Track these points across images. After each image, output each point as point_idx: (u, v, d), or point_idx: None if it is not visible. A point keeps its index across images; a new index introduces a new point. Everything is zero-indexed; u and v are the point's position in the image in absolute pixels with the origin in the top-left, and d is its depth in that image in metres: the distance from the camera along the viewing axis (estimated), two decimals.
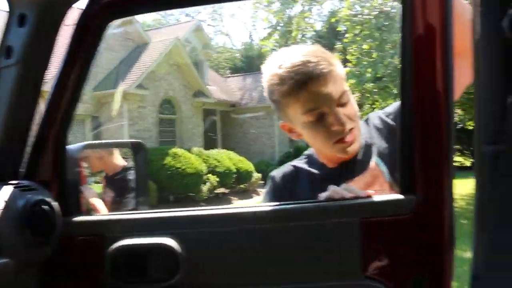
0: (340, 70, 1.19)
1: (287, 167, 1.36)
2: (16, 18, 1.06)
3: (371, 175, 1.23)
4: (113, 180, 2.83)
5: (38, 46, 1.08)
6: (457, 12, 1.01)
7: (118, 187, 2.70)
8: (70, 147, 1.29)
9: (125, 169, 2.80)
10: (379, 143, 1.27)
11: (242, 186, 15.67)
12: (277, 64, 1.17)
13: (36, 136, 1.15)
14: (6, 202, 0.96)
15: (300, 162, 1.36)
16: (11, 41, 1.07)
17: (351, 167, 1.26)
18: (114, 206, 2.55)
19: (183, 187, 12.83)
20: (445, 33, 0.93)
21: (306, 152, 1.38)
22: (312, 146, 1.30)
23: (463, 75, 1.01)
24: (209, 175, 13.89)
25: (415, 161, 0.96)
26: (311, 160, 1.34)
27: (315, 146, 1.29)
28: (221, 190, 14.80)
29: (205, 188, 13.58)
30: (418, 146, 0.95)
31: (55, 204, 1.06)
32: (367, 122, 1.34)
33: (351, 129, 1.17)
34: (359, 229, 0.98)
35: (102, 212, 2.52)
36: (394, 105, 1.33)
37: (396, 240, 0.99)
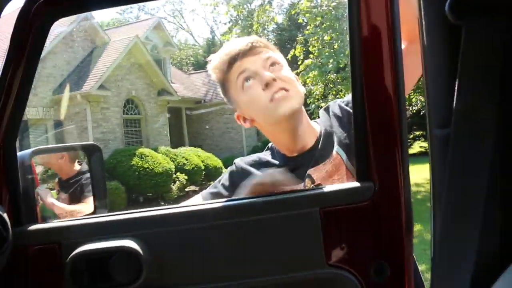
0: (272, 49, 1.29)
1: (251, 157, 1.40)
2: None
3: (332, 164, 1.24)
4: (68, 184, 2.77)
5: None
6: None
7: (73, 192, 2.65)
8: (20, 153, 1.24)
9: (80, 173, 2.74)
10: (339, 132, 1.27)
11: (211, 182, 15.55)
12: (215, 57, 1.32)
13: None
14: None
15: (264, 154, 1.39)
16: None
17: (311, 156, 1.27)
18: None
19: (152, 187, 12.70)
20: (392, 21, 0.95)
21: (269, 145, 1.40)
22: (262, 126, 1.32)
23: (416, 64, 1.02)
24: (178, 173, 13.79)
25: (370, 149, 0.97)
26: (273, 152, 1.37)
27: (262, 121, 1.29)
28: (191, 188, 14.73)
29: (174, 187, 13.49)
30: (371, 134, 0.97)
31: (3, 215, 1.01)
32: (327, 111, 1.34)
33: (285, 89, 1.22)
34: (320, 219, 0.99)
35: (63, 210, 2.47)
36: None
37: (356, 228, 1.00)
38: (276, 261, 1.02)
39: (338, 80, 10.83)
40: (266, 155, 1.38)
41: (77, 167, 2.84)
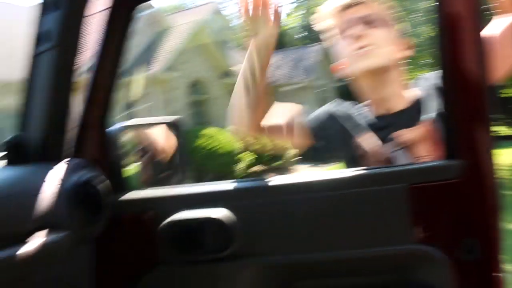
0: (374, 3, 1.34)
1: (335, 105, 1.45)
2: (51, 1, 1.07)
3: (426, 129, 1.25)
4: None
5: (72, 29, 1.09)
6: None
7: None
8: (114, 127, 1.32)
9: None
10: (433, 102, 1.27)
11: (279, 162, 15.65)
12: (324, 7, 1.40)
13: (82, 118, 1.17)
14: (59, 179, 0.99)
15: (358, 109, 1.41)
16: (47, 25, 1.09)
17: (399, 119, 1.30)
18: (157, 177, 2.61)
19: (220, 166, 12.91)
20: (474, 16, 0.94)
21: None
22: (347, 72, 1.37)
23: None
24: (245, 153, 13.92)
25: (458, 127, 0.97)
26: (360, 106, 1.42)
27: (347, 69, 1.35)
28: (258, 167, 14.84)
29: (241, 166, 13.63)
30: (460, 113, 0.97)
31: (106, 181, 1.08)
32: (427, 80, 1.36)
33: (370, 46, 1.27)
34: (409, 195, 0.99)
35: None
36: None
37: (445, 205, 1.00)
38: (365, 235, 1.03)
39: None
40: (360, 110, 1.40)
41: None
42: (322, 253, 1.04)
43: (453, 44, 0.96)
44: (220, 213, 1.05)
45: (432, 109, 1.26)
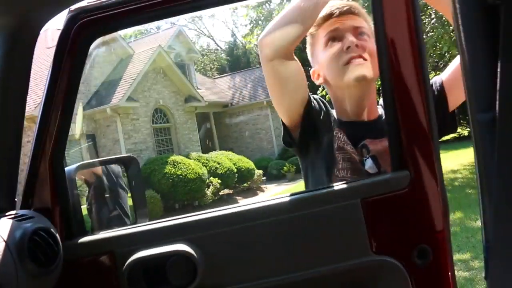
0: (366, 21, 1.35)
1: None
2: None
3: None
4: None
5: (14, 69, 1.05)
6: None
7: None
8: (66, 169, 1.28)
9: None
10: None
11: (245, 184, 15.68)
12: None
13: (31, 164, 1.13)
14: (2, 235, 0.94)
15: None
16: None
17: (370, 128, 1.32)
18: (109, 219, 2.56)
19: (187, 193, 12.82)
20: (414, 21, 0.99)
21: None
22: (331, 86, 1.36)
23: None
24: (211, 178, 13.88)
25: (404, 139, 1.01)
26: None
27: (332, 81, 1.34)
28: (225, 191, 14.80)
29: (209, 191, 13.58)
30: (404, 127, 1.01)
31: (53, 230, 1.04)
32: None
33: (363, 57, 1.27)
34: (362, 209, 1.04)
35: None
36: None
37: (396, 215, 1.05)
38: (324, 253, 1.06)
39: None
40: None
41: None
42: (286, 276, 1.06)
43: (393, 61, 1.01)
44: (180, 247, 1.04)
45: None
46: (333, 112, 1.39)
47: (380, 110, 1.36)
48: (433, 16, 7.88)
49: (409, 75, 1.00)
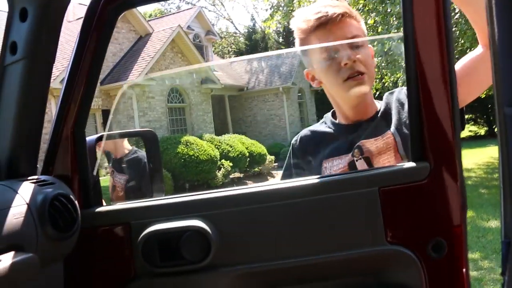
0: (359, 21, 1.31)
1: (303, 131, 1.46)
2: (18, 13, 1.05)
3: (384, 142, 1.27)
4: (122, 162, 2.88)
5: (41, 40, 1.07)
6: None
7: (127, 168, 2.76)
8: (87, 139, 1.30)
9: (132, 152, 2.86)
10: (399, 116, 1.29)
11: (256, 169, 15.73)
12: (303, 13, 1.33)
13: (53, 130, 1.15)
14: (25, 198, 0.96)
15: (316, 126, 1.45)
16: (15, 37, 1.06)
17: (366, 128, 1.32)
18: (127, 189, 2.60)
19: (197, 174, 12.90)
20: (444, 9, 0.97)
21: (325, 115, 1.46)
22: (329, 91, 1.36)
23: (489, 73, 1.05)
24: (223, 160, 13.94)
25: (425, 130, 1.01)
26: (326, 120, 1.43)
27: (331, 90, 1.34)
28: (236, 174, 14.87)
29: (219, 174, 13.64)
30: (426, 117, 1.01)
31: (73, 197, 1.06)
32: (392, 94, 1.37)
33: (361, 72, 1.25)
34: (379, 198, 1.03)
35: None
36: None
37: (414, 206, 1.04)
38: (338, 239, 1.06)
39: (383, 64, 10.61)
40: (317, 126, 1.44)
41: (128, 146, 2.94)
42: (299, 259, 1.06)
43: (419, 49, 0.99)
44: (196, 223, 1.05)
45: (395, 123, 1.28)
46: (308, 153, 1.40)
47: (378, 105, 1.36)
48: (457, 10, 7.76)
49: (435, 65, 0.99)
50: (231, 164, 14.10)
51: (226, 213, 1.08)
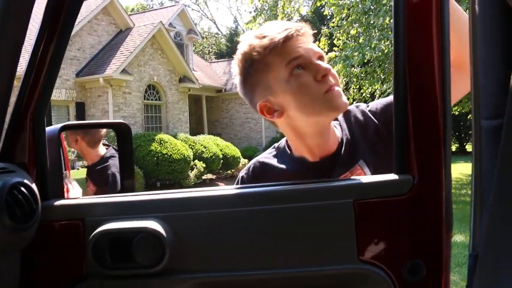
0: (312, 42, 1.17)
1: (255, 164, 1.28)
2: None
3: (358, 174, 1.16)
4: (94, 171, 2.70)
5: (8, 25, 1.02)
6: (454, 19, 1.00)
7: (98, 178, 2.59)
8: (48, 128, 1.24)
9: (105, 158, 2.65)
10: (364, 143, 1.19)
11: (229, 171, 15.70)
12: (255, 34, 1.16)
13: (12, 115, 1.09)
14: None
15: (269, 158, 1.28)
16: None
17: (333, 164, 1.18)
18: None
19: (170, 173, 12.80)
20: (441, 19, 0.90)
21: (277, 145, 1.30)
22: (294, 120, 1.18)
23: (459, 87, 1.05)
24: (196, 161, 13.86)
25: (410, 140, 0.92)
26: (282, 154, 1.26)
27: (300, 115, 1.15)
28: (208, 176, 14.81)
29: (192, 174, 13.57)
30: (413, 125, 0.92)
31: (33, 187, 1.01)
32: (348, 115, 1.24)
33: (337, 85, 1.13)
34: (354, 211, 0.94)
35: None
36: (379, 103, 1.24)
37: (392, 223, 0.94)
38: (305, 252, 0.97)
39: (362, 75, 10.74)
40: (275, 162, 1.26)
41: (101, 151, 2.72)
42: (260, 271, 0.98)
43: (411, 53, 0.92)
44: (150, 224, 0.98)
45: (361, 151, 1.18)
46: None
47: (337, 132, 1.22)
48: None
49: (428, 69, 0.90)
50: (204, 165, 14.04)
51: (186, 215, 1.01)
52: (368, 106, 1.24)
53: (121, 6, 16.74)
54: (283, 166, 1.23)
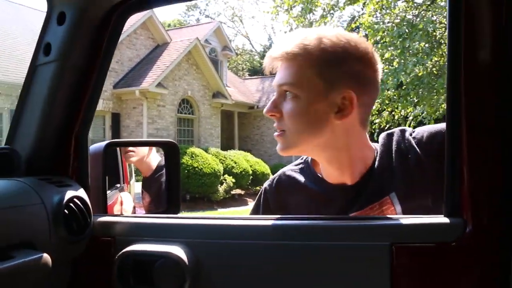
0: (309, 56, 1.02)
1: (281, 176, 1.23)
2: (56, 16, 1.07)
3: (381, 210, 1.06)
4: (150, 181, 2.61)
5: (75, 45, 1.09)
6: None
7: (154, 188, 2.51)
8: (94, 146, 1.29)
9: (159, 167, 2.54)
10: (401, 174, 1.06)
11: (257, 188, 15.66)
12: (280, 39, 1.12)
13: (66, 133, 1.14)
14: (42, 197, 0.97)
15: (294, 171, 1.21)
16: (50, 38, 1.08)
17: (358, 192, 1.08)
18: (151, 208, 2.43)
19: (200, 186, 12.86)
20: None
21: (304, 158, 1.23)
22: None
23: None
24: (226, 175, 13.91)
25: (465, 178, 0.80)
26: (307, 169, 1.19)
27: None
28: (237, 191, 14.82)
29: (221, 188, 13.60)
30: (470, 157, 0.80)
31: (88, 201, 1.06)
32: (390, 138, 1.12)
33: (281, 129, 1.06)
34: (391, 256, 0.83)
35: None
36: (426, 130, 1.10)
37: (436, 273, 0.82)
38: None
39: (395, 97, 10.63)
40: (301, 177, 1.18)
41: (154, 163, 2.62)
42: None
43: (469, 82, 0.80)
44: (175, 250, 0.97)
45: (396, 183, 1.06)
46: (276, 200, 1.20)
47: (372, 154, 1.11)
48: None
49: (486, 105, 0.80)
50: (233, 180, 14.07)
51: (210, 243, 0.98)
52: (413, 132, 1.10)
53: (159, 21, 17.14)
54: (308, 184, 1.15)
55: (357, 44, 1.03)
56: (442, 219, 0.82)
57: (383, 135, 1.14)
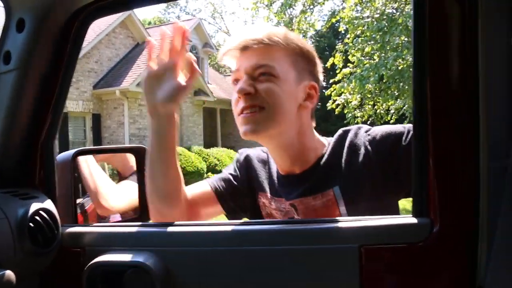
0: (286, 44, 1.11)
1: (251, 151, 1.32)
2: (15, 23, 1.04)
3: (323, 202, 1.10)
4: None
5: (36, 52, 1.06)
6: None
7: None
8: (62, 154, 1.26)
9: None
10: (347, 169, 1.10)
11: None
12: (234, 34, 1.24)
13: (31, 142, 1.11)
14: (5, 211, 0.94)
15: (260, 153, 1.31)
16: (10, 46, 1.05)
17: (303, 181, 1.13)
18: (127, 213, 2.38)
19: None
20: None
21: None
22: None
23: None
24: (210, 173, 13.89)
25: (431, 178, 0.80)
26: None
27: None
28: None
29: None
30: (434, 165, 0.81)
31: (55, 212, 1.04)
32: (346, 135, 1.15)
33: (261, 106, 1.08)
34: (359, 258, 0.83)
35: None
36: (381, 130, 1.12)
37: (404, 274, 0.83)
38: None
39: (377, 91, 10.71)
40: (264, 155, 1.29)
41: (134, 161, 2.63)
42: None
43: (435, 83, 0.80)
44: (144, 258, 0.94)
45: (341, 178, 1.10)
46: (259, 172, 1.26)
47: (324, 147, 1.16)
48: None
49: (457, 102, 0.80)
50: None
51: (178, 251, 0.97)
52: (369, 130, 1.14)
53: (138, 20, 16.98)
54: (267, 167, 1.25)
55: (308, 46, 1.17)
56: (410, 219, 0.83)
57: (340, 131, 1.18)
